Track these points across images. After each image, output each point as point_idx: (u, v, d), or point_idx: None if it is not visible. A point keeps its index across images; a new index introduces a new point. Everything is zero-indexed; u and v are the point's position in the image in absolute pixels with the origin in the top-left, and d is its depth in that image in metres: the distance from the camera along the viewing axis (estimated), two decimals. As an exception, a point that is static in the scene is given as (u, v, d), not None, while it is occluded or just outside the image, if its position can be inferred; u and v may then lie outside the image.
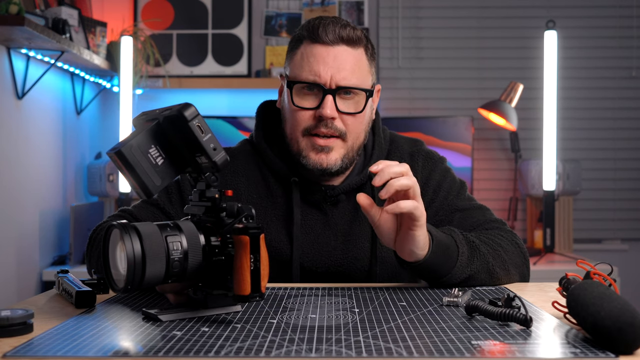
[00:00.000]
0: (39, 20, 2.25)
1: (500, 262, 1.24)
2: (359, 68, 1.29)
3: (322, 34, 1.27)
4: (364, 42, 1.31)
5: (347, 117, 1.29)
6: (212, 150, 0.92)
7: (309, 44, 1.29)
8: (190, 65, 3.26)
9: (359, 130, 1.32)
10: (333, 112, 1.27)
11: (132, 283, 0.88)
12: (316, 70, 1.27)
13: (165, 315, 0.93)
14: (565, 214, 3.13)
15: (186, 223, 0.95)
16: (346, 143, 1.31)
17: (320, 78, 1.27)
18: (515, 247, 1.30)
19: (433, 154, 1.45)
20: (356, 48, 1.30)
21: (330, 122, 1.28)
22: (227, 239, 0.94)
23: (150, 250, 0.88)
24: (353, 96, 1.29)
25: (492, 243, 1.26)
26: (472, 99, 3.27)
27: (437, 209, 1.38)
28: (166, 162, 0.95)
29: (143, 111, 1.01)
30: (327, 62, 1.27)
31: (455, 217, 1.36)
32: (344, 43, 1.28)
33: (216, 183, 0.97)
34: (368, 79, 1.32)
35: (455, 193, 1.40)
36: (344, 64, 1.27)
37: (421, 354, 0.76)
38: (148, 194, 0.93)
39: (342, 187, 1.35)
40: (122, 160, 0.92)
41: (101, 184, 2.92)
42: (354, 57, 1.29)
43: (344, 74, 1.27)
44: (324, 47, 1.28)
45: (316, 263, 1.34)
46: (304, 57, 1.29)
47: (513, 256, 1.28)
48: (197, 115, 0.92)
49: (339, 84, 1.27)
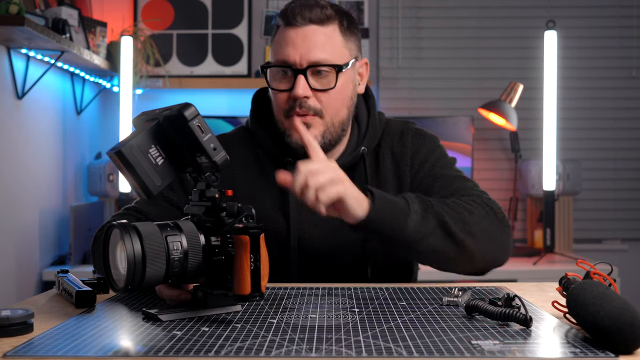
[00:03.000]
0: (39, 20, 2.25)
1: (461, 223, 1.21)
2: (330, 45, 1.31)
3: (291, 17, 1.30)
4: (336, 19, 1.33)
5: (320, 94, 1.30)
6: (212, 150, 0.92)
7: (282, 29, 1.33)
8: (190, 65, 3.26)
9: (336, 106, 1.33)
10: (305, 92, 1.29)
11: (132, 283, 0.88)
12: (286, 52, 1.30)
13: (165, 315, 0.93)
14: (565, 214, 3.13)
15: (186, 223, 0.95)
16: (324, 120, 1.32)
17: (290, 59, 1.29)
18: (487, 212, 1.26)
19: (423, 131, 1.46)
20: (327, 25, 1.31)
21: (304, 102, 1.29)
22: (227, 239, 0.94)
23: (151, 250, 0.88)
24: (326, 74, 1.31)
25: (455, 206, 1.23)
26: (472, 99, 3.27)
27: (421, 180, 1.38)
28: (166, 162, 0.95)
29: (143, 111, 1.01)
30: (296, 43, 1.29)
31: (436, 185, 1.36)
32: (313, 23, 1.30)
33: (216, 183, 0.97)
34: (342, 54, 1.33)
35: (441, 165, 1.39)
36: (313, 42, 1.29)
37: (421, 354, 0.76)
38: (148, 193, 0.94)
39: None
40: (122, 160, 0.92)
41: (101, 184, 2.92)
42: (324, 35, 1.31)
43: (313, 51, 1.29)
44: (293, 29, 1.30)
45: (313, 238, 1.35)
46: (278, 41, 1.33)
47: (482, 220, 1.24)
48: (197, 115, 0.92)
49: (309, 61, 1.29)
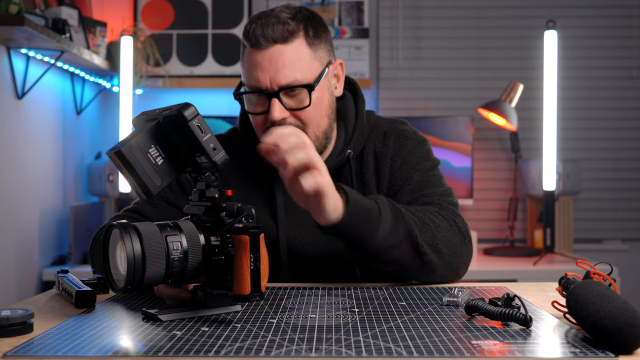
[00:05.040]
0: (39, 20, 2.25)
1: (429, 236, 1.21)
2: (299, 61, 1.29)
3: (254, 39, 1.28)
4: (300, 31, 1.30)
5: (299, 112, 1.30)
6: (212, 150, 0.93)
7: (248, 50, 1.31)
8: (190, 65, 3.26)
9: (316, 119, 1.33)
10: (282, 114, 1.28)
11: (132, 283, 0.88)
12: (256, 76, 1.29)
13: (165, 315, 0.93)
14: (565, 214, 3.13)
15: (186, 223, 0.95)
16: (307, 134, 1.30)
17: (260, 84, 1.28)
18: (452, 225, 1.27)
19: (408, 132, 1.43)
20: (291, 42, 1.29)
21: (283, 122, 1.29)
22: (227, 239, 0.94)
23: (150, 250, 0.88)
24: (299, 92, 1.30)
25: (423, 217, 1.23)
26: (472, 99, 3.27)
27: (395, 180, 1.37)
28: (166, 162, 0.95)
29: (143, 111, 1.02)
30: (264, 67, 1.28)
31: (406, 187, 1.36)
32: (277, 42, 1.28)
33: (216, 183, 0.97)
34: (313, 67, 1.31)
35: (419, 168, 1.38)
36: (280, 64, 1.28)
37: (421, 354, 0.76)
38: (148, 194, 0.94)
39: None
40: (122, 160, 0.92)
41: (101, 184, 2.92)
42: (291, 53, 1.29)
43: (282, 73, 1.28)
44: (259, 52, 1.28)
45: (303, 243, 1.35)
46: (246, 64, 1.31)
47: (446, 234, 1.24)
48: (197, 115, 0.92)
49: (280, 85, 1.28)
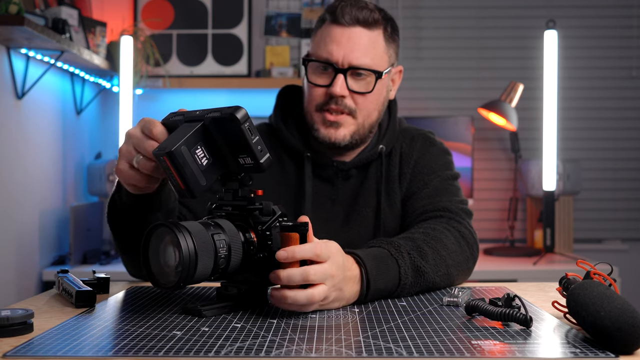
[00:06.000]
0: (39, 20, 2.25)
1: (443, 271, 1.18)
2: (373, 49, 1.34)
3: (340, 15, 1.33)
4: (382, 24, 1.36)
5: (357, 96, 1.35)
6: (259, 151, 0.96)
7: (328, 25, 1.35)
8: (190, 65, 3.26)
9: (370, 108, 1.37)
10: (343, 91, 1.33)
11: (185, 280, 0.90)
12: (330, 49, 1.33)
13: (209, 311, 0.96)
14: (565, 214, 3.13)
15: (224, 221, 0.98)
16: (356, 120, 1.36)
17: (333, 57, 1.33)
18: (460, 242, 1.25)
19: (434, 140, 1.47)
20: (372, 30, 1.34)
21: (340, 100, 1.34)
22: (265, 236, 0.98)
23: (201, 247, 0.91)
24: (365, 77, 1.34)
25: (435, 250, 1.19)
26: (472, 99, 3.27)
27: (415, 182, 1.40)
28: (210, 162, 0.97)
29: (171, 112, 1.02)
30: (341, 42, 1.32)
31: (423, 191, 1.38)
32: (360, 25, 1.33)
33: (250, 182, 1.01)
34: (383, 60, 1.36)
35: (439, 175, 1.40)
36: (357, 44, 1.32)
37: (421, 354, 0.76)
38: (192, 194, 0.94)
39: (353, 162, 1.41)
40: (172, 161, 0.92)
41: (101, 184, 2.92)
42: (369, 39, 1.34)
43: (356, 54, 1.32)
44: (340, 28, 1.33)
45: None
46: (322, 37, 1.36)
47: (456, 257, 1.23)
48: (249, 118, 0.95)
49: (351, 64, 1.32)
